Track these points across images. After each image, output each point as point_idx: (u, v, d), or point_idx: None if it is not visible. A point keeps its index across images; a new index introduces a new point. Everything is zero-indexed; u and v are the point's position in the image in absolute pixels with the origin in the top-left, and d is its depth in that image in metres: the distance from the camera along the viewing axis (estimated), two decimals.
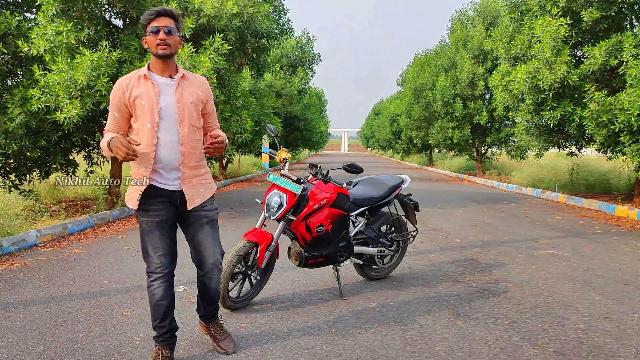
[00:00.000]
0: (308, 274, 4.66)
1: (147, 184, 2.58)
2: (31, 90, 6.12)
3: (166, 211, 2.64)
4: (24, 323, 3.38)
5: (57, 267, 4.82)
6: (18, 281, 4.33)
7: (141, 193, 2.58)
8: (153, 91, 2.55)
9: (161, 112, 2.54)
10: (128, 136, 2.63)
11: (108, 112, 8.57)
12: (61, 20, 6.19)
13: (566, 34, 8.78)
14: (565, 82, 8.85)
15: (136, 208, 2.61)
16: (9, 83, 7.26)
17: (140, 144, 2.45)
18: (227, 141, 2.76)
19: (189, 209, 2.67)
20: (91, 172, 8.91)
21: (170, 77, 2.62)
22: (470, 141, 18.25)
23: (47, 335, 3.18)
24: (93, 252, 5.46)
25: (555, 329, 3.38)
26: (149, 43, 2.55)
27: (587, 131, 8.88)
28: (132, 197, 2.62)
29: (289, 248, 3.95)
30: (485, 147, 18.75)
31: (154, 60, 2.60)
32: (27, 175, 7.91)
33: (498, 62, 13.01)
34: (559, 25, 8.69)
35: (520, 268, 4.99)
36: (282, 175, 3.65)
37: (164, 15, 2.53)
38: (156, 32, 2.51)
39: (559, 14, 8.82)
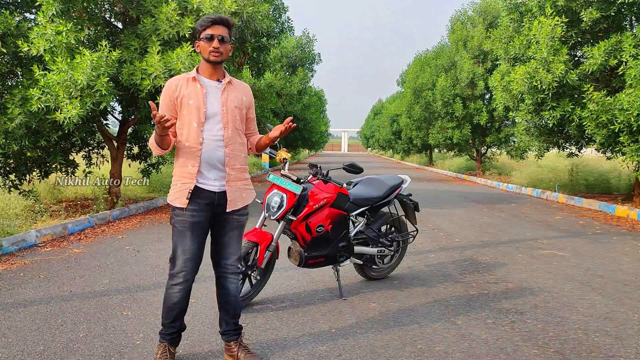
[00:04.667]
0: (308, 274, 4.66)
1: (192, 183, 2.62)
2: (31, 90, 6.11)
3: (202, 213, 2.66)
4: (24, 323, 3.38)
5: (57, 267, 4.82)
6: (18, 281, 4.33)
7: (190, 191, 2.61)
8: (201, 93, 2.64)
9: (207, 113, 2.63)
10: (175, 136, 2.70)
11: (108, 112, 8.52)
12: (61, 20, 6.18)
13: (563, 34, 8.78)
14: (564, 82, 8.85)
15: (185, 206, 2.62)
16: (9, 83, 7.26)
17: (166, 116, 2.48)
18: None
19: (228, 210, 2.70)
20: (89, 172, 8.90)
21: (218, 80, 2.72)
22: (470, 141, 18.25)
23: (47, 335, 3.18)
24: (93, 252, 5.46)
25: (555, 329, 3.38)
26: (201, 48, 2.65)
27: (586, 131, 8.89)
28: (178, 196, 2.64)
29: (289, 248, 3.95)
30: (485, 147, 18.75)
31: (203, 64, 2.70)
32: (27, 175, 7.91)
33: (498, 62, 13.01)
34: (555, 24, 8.69)
35: (520, 268, 4.99)
36: (282, 175, 3.65)
37: (219, 24, 2.62)
38: (210, 39, 2.60)
39: (553, 13, 8.82)
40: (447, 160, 25.99)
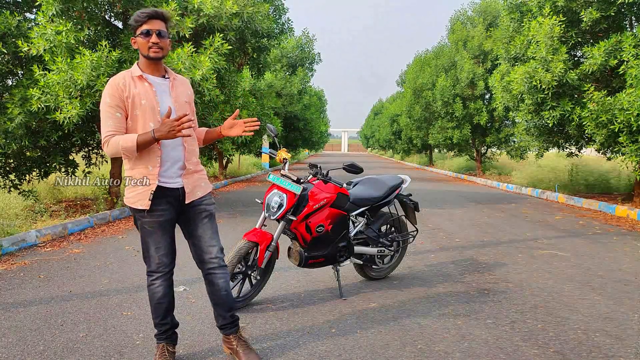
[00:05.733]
0: (308, 274, 4.66)
1: (153, 184, 2.57)
2: (31, 90, 6.11)
3: (169, 211, 2.65)
4: (24, 323, 3.38)
5: (57, 267, 4.82)
6: (18, 281, 4.33)
7: (152, 192, 2.56)
8: (151, 91, 2.57)
9: (161, 111, 2.57)
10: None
11: None
12: (61, 20, 6.18)
13: (562, 33, 8.78)
14: (564, 82, 8.85)
15: (148, 208, 2.57)
16: (9, 83, 7.25)
17: (187, 115, 2.46)
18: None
19: (187, 201, 2.67)
20: (89, 172, 8.90)
21: (163, 77, 2.67)
22: (470, 141, 18.25)
23: (47, 335, 3.18)
24: (93, 252, 5.46)
25: (555, 329, 3.38)
26: (139, 45, 2.55)
27: (586, 131, 8.89)
28: (140, 198, 2.58)
29: (289, 248, 3.95)
30: (485, 147, 18.75)
31: (144, 61, 2.61)
32: (27, 175, 7.90)
33: (498, 62, 13.01)
34: (554, 24, 8.69)
35: (520, 268, 4.99)
36: (282, 175, 3.65)
37: (155, 18, 2.54)
38: (147, 34, 2.52)
39: (551, 13, 8.82)
40: (447, 160, 25.99)
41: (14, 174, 7.66)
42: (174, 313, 2.83)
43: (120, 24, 7.83)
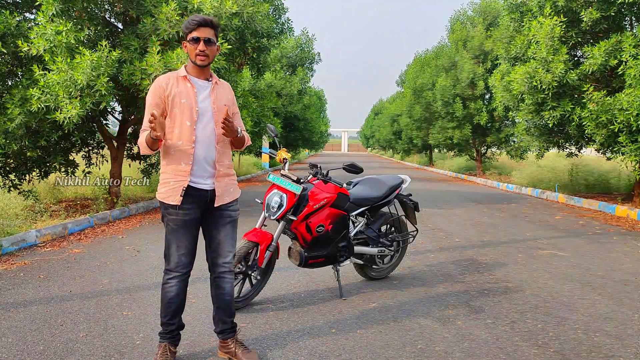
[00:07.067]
0: (308, 274, 4.66)
1: (185, 181, 2.64)
2: (31, 90, 6.11)
3: (195, 210, 2.70)
4: (24, 323, 3.37)
5: (57, 267, 4.82)
6: (18, 281, 4.33)
7: (184, 189, 2.63)
8: (192, 91, 2.67)
9: (199, 112, 2.66)
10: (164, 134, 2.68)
11: (108, 112, 8.49)
12: (61, 20, 6.18)
13: (562, 33, 8.78)
14: (564, 82, 8.85)
15: (179, 204, 2.64)
16: (9, 83, 7.25)
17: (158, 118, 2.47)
18: (244, 134, 2.84)
19: (215, 205, 2.73)
20: (89, 172, 8.90)
21: (207, 79, 2.76)
22: (471, 141, 18.25)
23: (47, 335, 3.18)
24: (93, 252, 5.46)
25: (555, 329, 3.38)
26: (188, 50, 2.68)
27: (586, 131, 8.89)
28: (172, 194, 2.65)
29: (289, 248, 3.95)
30: (485, 147, 18.75)
31: (191, 65, 2.73)
32: (27, 175, 7.90)
33: (498, 62, 13.01)
34: (554, 24, 8.69)
35: (520, 268, 4.99)
36: (282, 175, 3.65)
37: (204, 26, 2.64)
38: (196, 41, 2.62)
39: (552, 13, 8.82)
40: (447, 160, 25.99)
41: (14, 174, 7.65)
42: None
43: (120, 24, 7.83)
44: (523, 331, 3.33)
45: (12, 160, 7.52)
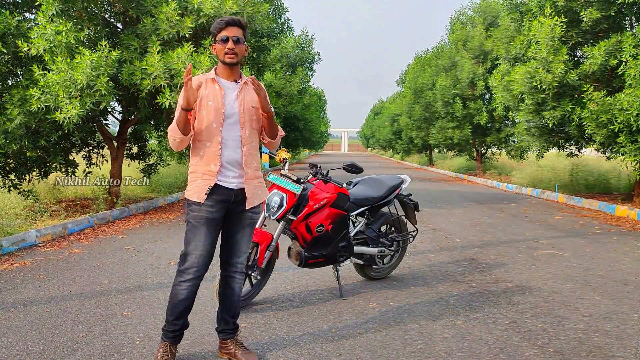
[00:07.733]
0: (308, 274, 4.66)
1: (212, 180, 2.66)
2: (31, 90, 6.11)
3: (218, 209, 2.70)
4: (24, 323, 3.37)
5: (57, 267, 4.82)
6: (18, 281, 4.32)
7: (210, 187, 2.65)
8: (219, 94, 2.69)
9: (225, 113, 2.67)
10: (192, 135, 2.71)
11: (108, 112, 8.47)
12: (61, 20, 6.17)
13: (562, 34, 8.78)
14: (564, 82, 8.85)
15: (202, 202, 2.65)
16: (9, 83, 7.25)
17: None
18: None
19: (247, 207, 2.76)
20: (89, 172, 8.90)
21: (235, 81, 2.77)
22: (471, 141, 18.24)
23: (47, 335, 3.18)
24: (93, 252, 5.46)
25: (555, 329, 3.38)
26: (217, 50, 2.69)
27: (586, 131, 8.89)
28: (197, 191, 2.66)
29: (289, 248, 3.95)
30: (485, 147, 18.75)
31: (220, 66, 2.75)
32: (27, 175, 7.90)
33: (498, 62, 13.01)
34: (555, 24, 8.69)
35: (520, 268, 4.99)
36: (282, 175, 3.65)
37: (232, 25, 2.67)
38: (225, 40, 2.65)
39: (552, 13, 8.82)
40: (447, 160, 25.98)
41: (14, 174, 7.65)
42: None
43: (120, 24, 7.83)
44: (523, 331, 3.33)
45: (12, 160, 7.52)
